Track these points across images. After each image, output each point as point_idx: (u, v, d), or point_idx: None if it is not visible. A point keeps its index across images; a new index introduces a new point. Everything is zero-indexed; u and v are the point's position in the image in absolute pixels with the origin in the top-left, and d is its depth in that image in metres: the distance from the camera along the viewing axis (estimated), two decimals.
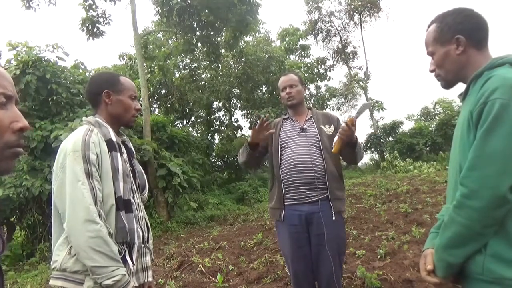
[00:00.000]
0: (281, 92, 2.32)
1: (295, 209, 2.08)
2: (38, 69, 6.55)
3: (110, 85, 1.49)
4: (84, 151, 1.31)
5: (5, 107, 0.70)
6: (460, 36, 1.14)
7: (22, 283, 4.93)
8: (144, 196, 1.60)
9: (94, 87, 1.52)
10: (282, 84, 2.31)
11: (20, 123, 0.71)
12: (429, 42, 1.23)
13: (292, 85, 2.26)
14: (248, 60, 13.20)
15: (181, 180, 7.83)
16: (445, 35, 1.17)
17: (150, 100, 12.54)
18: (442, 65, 1.21)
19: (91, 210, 1.25)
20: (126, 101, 1.51)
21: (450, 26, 1.17)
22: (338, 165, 2.16)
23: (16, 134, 0.70)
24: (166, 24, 10.03)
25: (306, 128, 2.19)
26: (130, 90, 1.53)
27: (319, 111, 2.38)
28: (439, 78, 1.24)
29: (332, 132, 2.19)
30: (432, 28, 1.23)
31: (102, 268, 1.23)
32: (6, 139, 0.68)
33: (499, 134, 0.95)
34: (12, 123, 0.70)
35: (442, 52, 1.19)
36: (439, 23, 1.20)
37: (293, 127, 2.22)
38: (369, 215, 5.57)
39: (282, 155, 2.15)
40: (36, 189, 5.98)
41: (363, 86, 18.85)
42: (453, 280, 1.10)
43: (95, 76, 1.60)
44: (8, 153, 0.69)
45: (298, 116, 2.28)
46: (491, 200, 0.95)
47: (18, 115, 0.71)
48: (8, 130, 0.69)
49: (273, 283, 3.33)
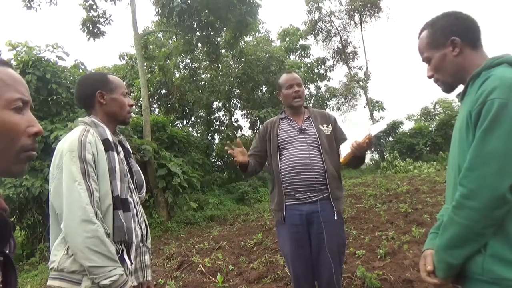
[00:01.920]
0: (286, 90, 2.21)
1: (296, 209, 2.07)
2: (38, 69, 6.55)
3: (102, 85, 1.50)
4: (80, 151, 1.31)
5: (21, 112, 0.72)
6: (456, 38, 1.15)
7: (22, 283, 4.93)
8: (142, 195, 1.61)
9: (86, 89, 1.51)
10: (288, 81, 2.21)
11: (35, 127, 0.74)
12: (423, 49, 1.23)
13: (300, 84, 2.21)
14: (248, 60, 13.19)
15: (181, 180, 7.83)
16: (439, 39, 1.18)
17: (150, 100, 12.55)
18: (440, 69, 1.20)
19: (87, 210, 1.25)
20: (120, 98, 1.52)
21: (443, 29, 1.17)
22: (336, 165, 2.15)
23: (31, 138, 0.73)
24: (166, 24, 10.03)
25: (305, 128, 2.17)
26: (121, 87, 1.54)
27: (315, 109, 2.35)
28: (439, 82, 1.24)
29: (331, 132, 2.19)
30: (424, 34, 1.23)
31: (99, 268, 1.23)
32: (22, 143, 0.71)
33: (498, 134, 0.95)
34: (28, 128, 0.72)
35: (439, 56, 1.19)
36: (430, 28, 1.21)
37: (291, 128, 2.20)
38: (369, 215, 5.56)
39: (282, 156, 2.14)
40: (36, 189, 5.98)
41: (363, 86, 18.84)
42: (453, 281, 1.10)
43: (83, 78, 1.59)
44: (23, 156, 0.72)
45: (296, 116, 2.25)
46: (490, 200, 0.94)
47: (33, 119, 0.74)
48: (24, 134, 0.71)
49: (273, 283, 3.33)
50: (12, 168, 0.71)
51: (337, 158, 2.15)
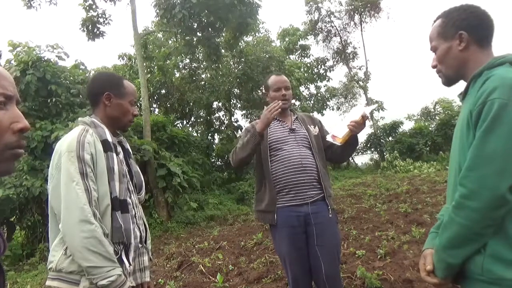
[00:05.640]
0: (273, 92, 2.22)
1: (293, 210, 2.05)
2: (38, 70, 6.55)
3: (113, 88, 1.49)
4: (78, 151, 1.31)
5: (4, 108, 0.69)
6: (463, 32, 1.14)
7: (22, 283, 4.94)
8: (141, 196, 1.60)
9: (96, 87, 1.51)
10: (276, 84, 2.22)
11: (20, 123, 0.69)
12: (433, 37, 1.23)
13: (288, 87, 2.22)
14: (248, 60, 13.19)
15: (181, 180, 7.83)
16: (449, 31, 1.17)
17: (150, 100, 12.53)
18: (444, 61, 1.20)
19: (85, 210, 1.25)
20: (126, 105, 1.51)
21: (455, 21, 1.16)
22: (325, 164, 2.20)
23: (17, 135, 0.69)
24: (166, 25, 10.02)
25: (295, 128, 2.18)
26: (131, 95, 1.53)
27: (301, 112, 2.39)
28: (440, 74, 1.24)
29: (318, 133, 2.23)
30: (437, 23, 1.22)
31: (97, 268, 1.23)
32: (6, 140, 0.67)
33: (498, 134, 0.95)
34: (13, 124, 0.69)
35: (445, 47, 1.18)
36: (444, 18, 1.20)
37: (281, 128, 2.20)
38: (369, 215, 5.56)
39: (274, 157, 2.13)
40: (36, 189, 5.98)
41: (363, 86, 18.83)
42: (452, 281, 1.10)
43: (98, 75, 1.59)
44: (8, 154, 0.68)
45: (284, 117, 2.25)
46: (490, 201, 0.94)
47: (18, 115, 0.70)
48: (8, 131, 0.67)
49: (273, 283, 3.33)
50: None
51: (324, 157, 2.20)
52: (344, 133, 1.96)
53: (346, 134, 1.95)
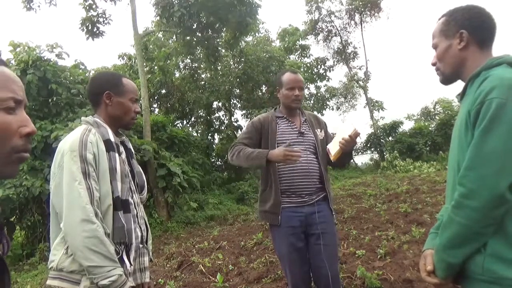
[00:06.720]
0: (287, 91, 2.14)
1: (295, 211, 2.06)
2: (38, 69, 6.55)
3: (112, 86, 1.48)
4: (81, 150, 1.31)
5: (14, 112, 0.69)
6: (464, 31, 1.14)
7: (22, 283, 4.94)
8: (143, 196, 1.60)
9: (96, 87, 1.51)
10: (291, 82, 2.13)
11: (28, 128, 0.70)
12: (436, 34, 1.24)
13: (302, 88, 2.15)
14: (248, 60, 13.19)
15: (181, 180, 7.83)
16: (451, 29, 1.18)
17: (150, 100, 12.51)
18: (443, 59, 1.21)
19: (87, 209, 1.25)
20: (127, 103, 1.50)
21: (457, 20, 1.17)
22: (326, 166, 2.23)
23: (24, 139, 0.70)
24: (166, 25, 10.02)
25: (304, 132, 2.17)
26: (132, 93, 1.52)
27: (309, 112, 2.34)
28: (438, 72, 1.25)
29: (323, 137, 2.23)
30: (441, 20, 1.23)
31: (98, 268, 1.23)
32: (14, 144, 0.68)
33: (496, 134, 0.95)
34: (20, 128, 0.69)
35: (445, 45, 1.19)
36: (448, 16, 1.21)
37: (290, 129, 2.17)
38: (369, 215, 5.56)
39: None
40: (36, 189, 5.98)
41: (363, 86, 18.82)
42: (453, 281, 1.10)
43: (97, 75, 1.59)
44: (14, 158, 0.69)
45: (293, 117, 2.22)
46: (489, 200, 0.94)
47: (26, 119, 0.71)
48: (16, 134, 0.68)
49: (273, 283, 3.33)
50: (3, 170, 0.68)
51: (326, 161, 2.19)
52: (335, 151, 1.97)
53: (337, 152, 1.95)
